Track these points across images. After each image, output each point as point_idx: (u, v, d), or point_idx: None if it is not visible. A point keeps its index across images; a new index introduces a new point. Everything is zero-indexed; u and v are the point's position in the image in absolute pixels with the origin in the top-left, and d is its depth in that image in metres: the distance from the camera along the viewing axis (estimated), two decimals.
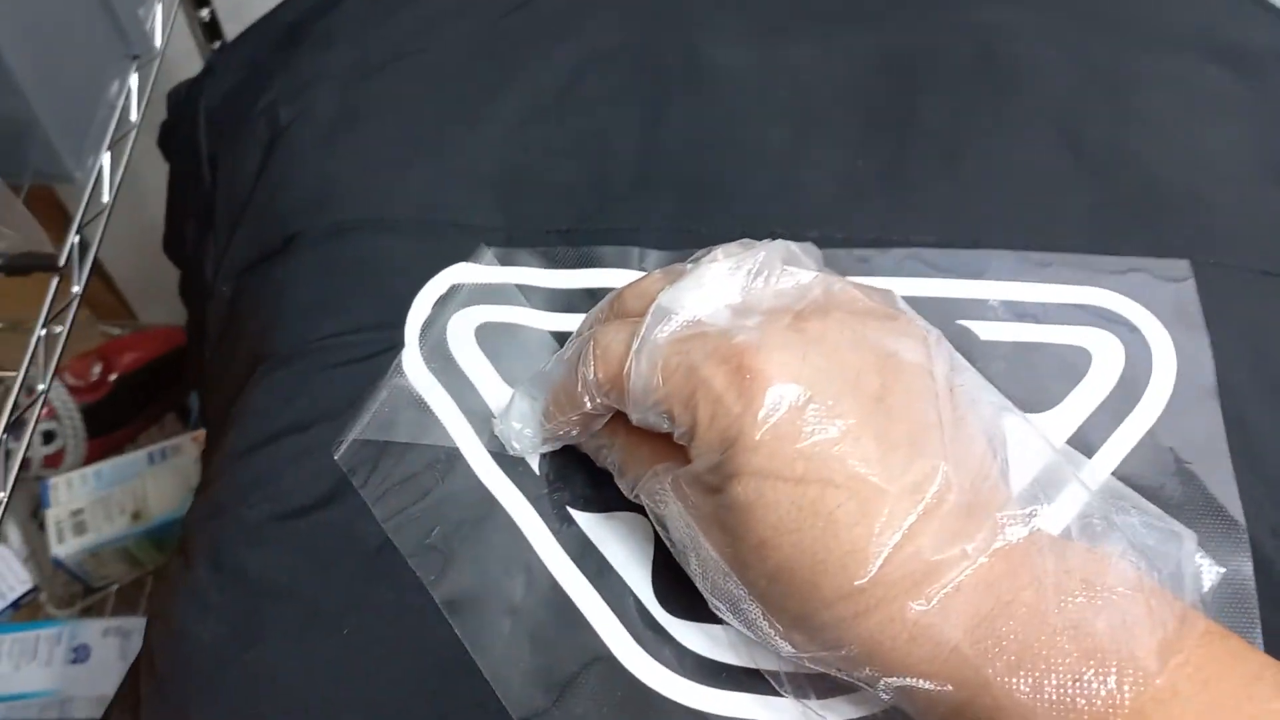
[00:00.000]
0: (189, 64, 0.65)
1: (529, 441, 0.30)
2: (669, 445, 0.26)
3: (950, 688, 0.22)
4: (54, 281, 0.48)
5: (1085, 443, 0.31)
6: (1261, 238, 0.35)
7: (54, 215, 0.53)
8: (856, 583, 0.22)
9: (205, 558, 0.31)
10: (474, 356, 0.33)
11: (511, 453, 0.31)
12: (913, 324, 0.26)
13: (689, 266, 0.28)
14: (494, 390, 0.33)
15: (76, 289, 0.49)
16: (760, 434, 0.23)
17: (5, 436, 0.44)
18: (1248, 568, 0.28)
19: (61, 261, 0.48)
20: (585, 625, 0.28)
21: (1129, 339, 0.33)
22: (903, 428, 0.23)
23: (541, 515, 0.30)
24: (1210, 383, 0.32)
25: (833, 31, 0.41)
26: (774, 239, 0.28)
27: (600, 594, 0.29)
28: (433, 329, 0.34)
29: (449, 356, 0.33)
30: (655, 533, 0.30)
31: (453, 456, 0.31)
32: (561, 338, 0.34)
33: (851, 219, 0.35)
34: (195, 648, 0.29)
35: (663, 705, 0.27)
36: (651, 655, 0.28)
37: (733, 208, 0.36)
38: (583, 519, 0.30)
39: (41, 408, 0.47)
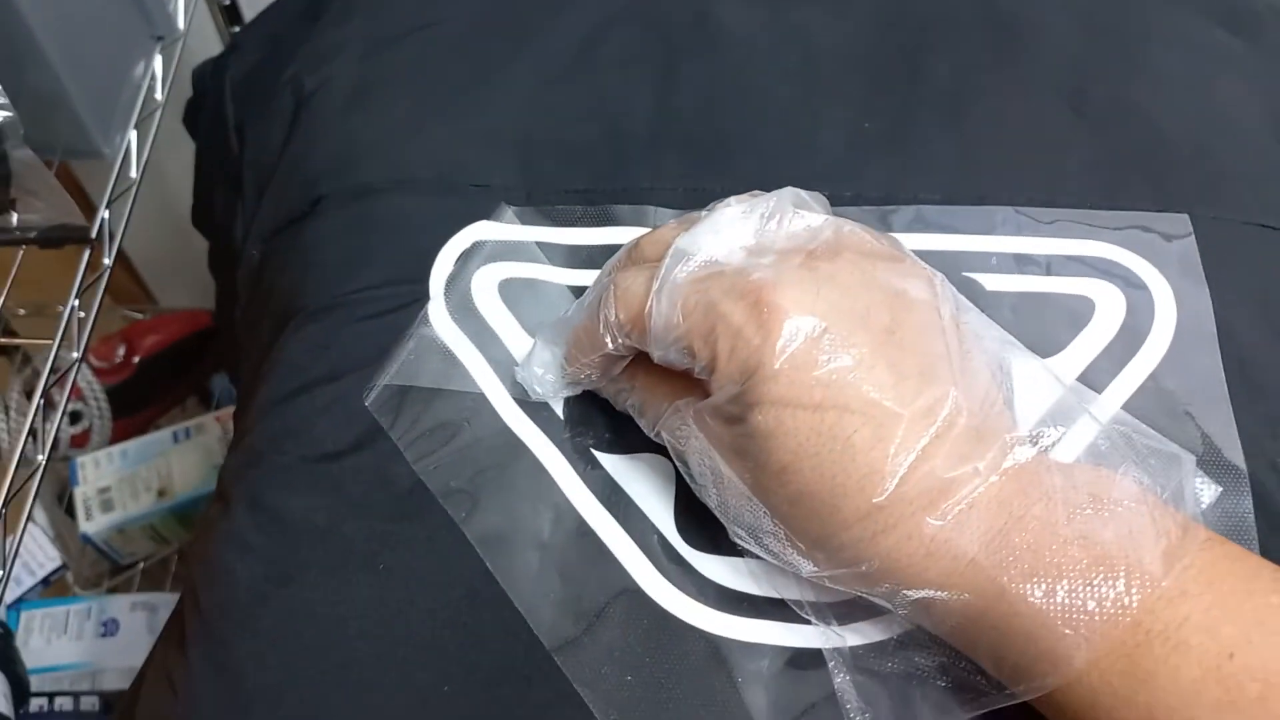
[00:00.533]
0: (208, 47, 0.66)
1: (550, 386, 0.32)
2: (687, 383, 0.28)
3: (968, 597, 0.24)
4: (85, 255, 0.50)
5: (1090, 386, 0.32)
6: (1264, 192, 0.36)
7: (74, 197, 0.55)
8: (874, 501, 0.23)
9: (243, 502, 0.32)
10: (497, 309, 0.34)
11: (534, 398, 0.32)
12: (918, 265, 0.27)
13: (703, 214, 0.29)
14: (517, 341, 0.34)
15: (107, 261, 0.50)
16: (779, 363, 0.24)
17: (41, 402, 0.46)
18: (1247, 503, 0.29)
19: (93, 234, 0.49)
20: (611, 559, 0.30)
21: (1130, 290, 0.34)
22: (913, 358, 0.25)
23: (566, 457, 0.31)
24: (1210, 331, 0.33)
25: None
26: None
27: (625, 530, 0.30)
28: (457, 283, 0.35)
29: (473, 309, 0.34)
30: (676, 472, 0.31)
31: (479, 403, 0.32)
32: (580, 292, 0.35)
33: (860, 177, 0.37)
34: (236, 586, 0.30)
35: (688, 633, 0.28)
36: (676, 586, 0.29)
37: (744, 166, 0.37)
38: (607, 460, 0.31)
39: (75, 376, 0.48)
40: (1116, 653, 0.22)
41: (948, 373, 0.25)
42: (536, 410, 0.32)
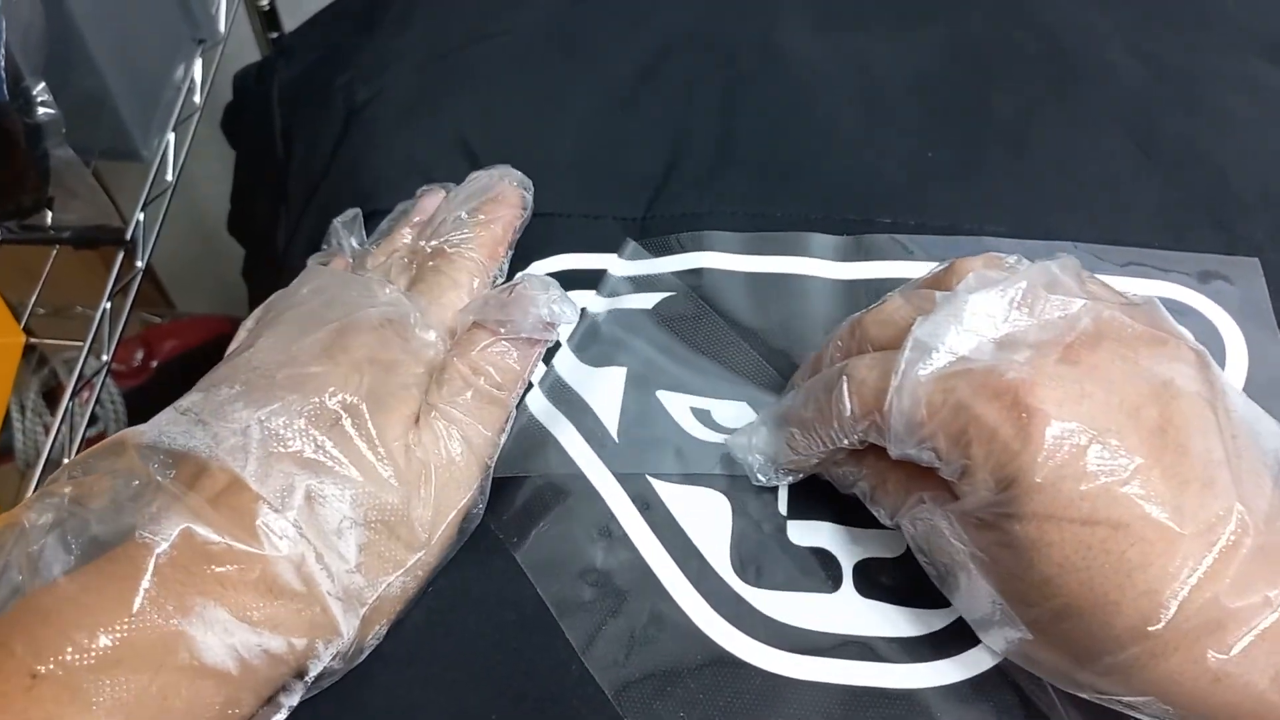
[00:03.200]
0: (244, 53, 0.66)
1: (774, 473, 0.30)
2: (923, 473, 0.26)
3: None
4: (119, 257, 0.49)
5: None
6: None
7: None
8: (1151, 628, 0.22)
9: None
10: None
11: (756, 484, 0.30)
12: (1182, 346, 0.25)
13: (939, 295, 0.26)
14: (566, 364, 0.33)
15: (140, 264, 0.50)
16: (1042, 475, 0.22)
17: (71, 403, 0.45)
18: None
19: (127, 237, 0.49)
20: (665, 594, 0.29)
21: (1200, 333, 0.33)
22: (1189, 461, 0.22)
23: (623, 486, 0.31)
24: None
25: (903, 24, 0.42)
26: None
27: (679, 565, 0.29)
28: None
29: None
30: (733, 506, 0.30)
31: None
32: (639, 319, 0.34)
33: (924, 205, 0.36)
34: None
35: (744, 670, 0.27)
36: (731, 623, 0.28)
37: (805, 192, 0.37)
38: (664, 490, 0.31)
39: (104, 379, 0.47)
40: None
41: (1228, 480, 0.22)
42: (594, 436, 0.31)
